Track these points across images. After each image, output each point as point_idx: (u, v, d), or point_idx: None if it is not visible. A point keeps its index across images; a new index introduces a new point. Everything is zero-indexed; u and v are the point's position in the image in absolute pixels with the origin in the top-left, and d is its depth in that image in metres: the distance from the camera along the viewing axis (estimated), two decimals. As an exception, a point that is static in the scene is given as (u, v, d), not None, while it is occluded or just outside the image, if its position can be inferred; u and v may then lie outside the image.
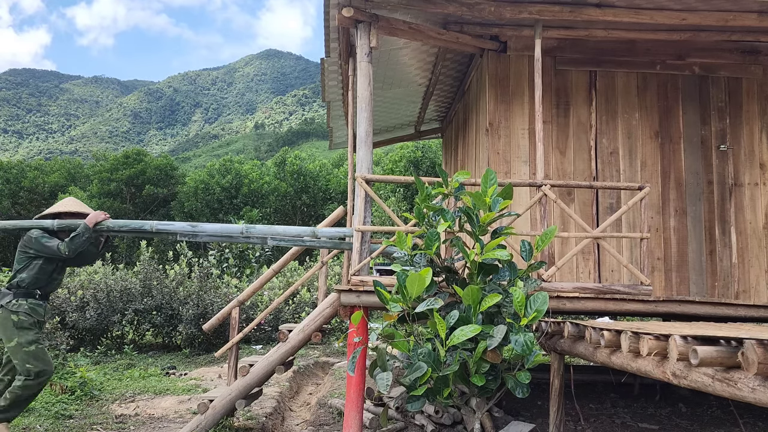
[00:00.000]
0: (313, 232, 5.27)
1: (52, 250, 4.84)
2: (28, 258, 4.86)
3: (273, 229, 5.30)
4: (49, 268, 4.91)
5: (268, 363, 5.27)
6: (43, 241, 4.85)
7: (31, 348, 4.67)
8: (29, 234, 4.90)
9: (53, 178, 33.14)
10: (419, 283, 3.57)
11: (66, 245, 4.83)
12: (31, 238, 4.87)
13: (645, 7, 5.25)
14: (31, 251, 4.86)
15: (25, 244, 4.89)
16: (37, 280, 4.84)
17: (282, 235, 5.26)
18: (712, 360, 2.36)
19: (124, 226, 5.22)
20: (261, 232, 5.27)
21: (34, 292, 4.83)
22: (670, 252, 5.94)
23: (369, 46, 5.27)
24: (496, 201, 3.91)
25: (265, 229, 5.29)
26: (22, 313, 4.72)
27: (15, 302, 4.74)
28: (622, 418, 5.62)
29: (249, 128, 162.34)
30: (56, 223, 4.99)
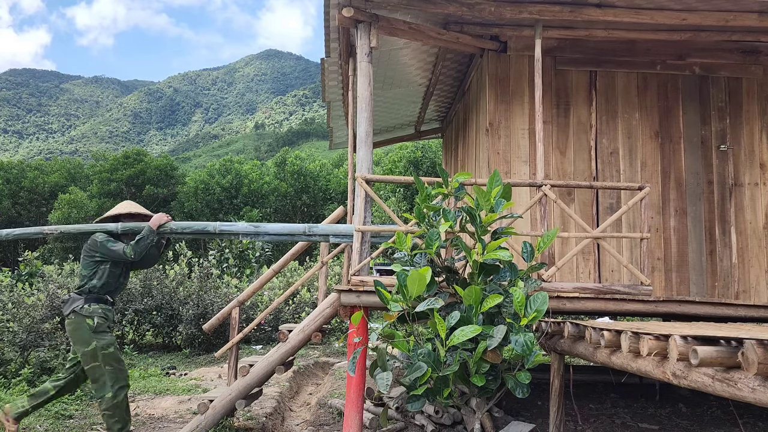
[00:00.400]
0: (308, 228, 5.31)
1: (118, 254, 4.82)
2: (95, 263, 4.83)
3: (335, 228, 5.33)
4: (117, 272, 4.91)
5: (268, 363, 5.27)
6: (108, 245, 4.83)
7: (110, 350, 4.68)
8: (94, 238, 4.89)
9: (53, 178, 33.15)
10: (419, 282, 3.57)
11: (132, 248, 4.80)
12: (96, 242, 4.85)
13: (645, 7, 5.25)
14: (97, 255, 4.84)
15: (90, 248, 4.87)
16: (107, 285, 4.83)
17: (344, 233, 5.27)
18: (712, 360, 2.36)
19: (187, 227, 5.21)
20: (323, 230, 5.30)
21: (105, 297, 4.82)
22: (670, 252, 5.94)
23: (369, 46, 5.27)
24: (500, 202, 3.91)
25: (327, 228, 5.33)
26: (97, 317, 4.70)
27: (88, 307, 4.72)
28: (622, 418, 5.62)
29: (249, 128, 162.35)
30: (120, 226, 4.97)
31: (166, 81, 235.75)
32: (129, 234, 4.96)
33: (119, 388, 4.68)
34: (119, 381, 4.69)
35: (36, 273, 13.59)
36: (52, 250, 27.44)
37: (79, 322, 4.66)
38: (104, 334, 4.69)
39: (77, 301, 4.73)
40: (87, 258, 4.85)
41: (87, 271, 4.82)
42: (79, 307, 4.70)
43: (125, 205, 5.24)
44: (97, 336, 4.66)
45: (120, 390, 4.68)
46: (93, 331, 4.66)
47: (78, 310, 4.69)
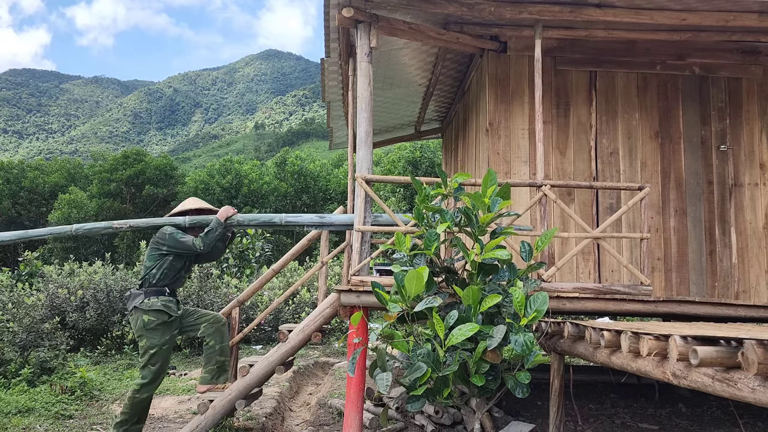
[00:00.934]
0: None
1: (187, 246, 4.94)
2: (160, 255, 4.97)
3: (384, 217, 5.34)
4: (178, 265, 5.02)
5: (268, 363, 5.27)
6: (177, 237, 4.95)
7: (155, 350, 4.80)
8: (163, 231, 5.01)
9: (53, 178, 33.12)
10: (417, 282, 3.57)
11: (201, 240, 4.93)
12: (165, 235, 4.97)
13: (645, 7, 5.25)
14: (164, 248, 4.96)
15: (158, 240, 4.99)
16: (165, 276, 4.94)
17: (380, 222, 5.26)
18: (712, 360, 2.36)
19: (254, 219, 5.31)
20: (386, 221, 5.31)
21: (164, 289, 4.93)
22: (670, 252, 5.94)
23: (369, 46, 5.27)
24: (495, 201, 3.91)
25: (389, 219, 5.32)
26: (151, 313, 4.82)
27: (147, 301, 4.85)
28: (622, 418, 5.62)
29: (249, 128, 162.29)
30: (188, 220, 5.10)
31: (166, 81, 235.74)
32: (196, 227, 5.10)
33: (149, 388, 4.83)
34: (152, 381, 4.83)
35: (36, 273, 13.59)
36: (52, 250, 27.44)
37: (137, 318, 4.85)
38: (154, 332, 4.82)
39: (138, 297, 4.89)
40: (153, 250, 5.00)
41: (150, 263, 4.98)
42: (140, 302, 4.86)
43: (191, 201, 5.39)
44: (148, 334, 4.81)
45: (145, 389, 4.81)
46: (145, 328, 4.82)
47: (138, 305, 4.85)
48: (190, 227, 5.09)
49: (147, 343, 4.79)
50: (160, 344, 4.81)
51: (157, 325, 4.82)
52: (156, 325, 4.81)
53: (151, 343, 4.78)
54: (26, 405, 6.19)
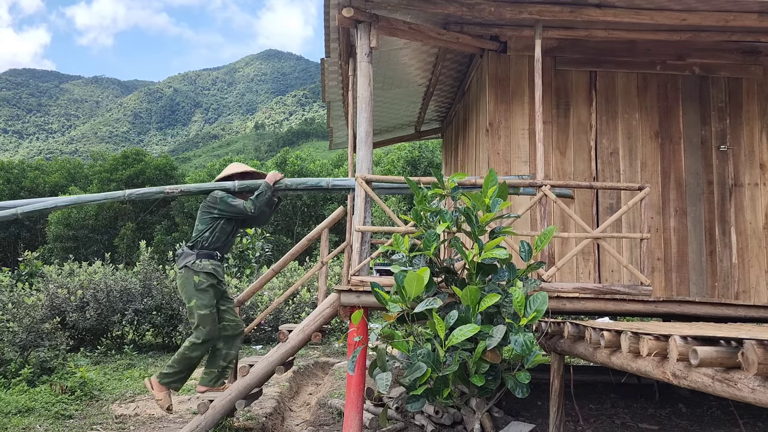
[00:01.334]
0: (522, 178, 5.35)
1: (238, 209, 5.04)
2: (212, 218, 5.06)
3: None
4: (228, 229, 5.12)
5: (268, 363, 5.26)
6: (228, 201, 5.06)
7: (205, 312, 4.88)
8: (213, 195, 5.11)
9: (54, 178, 33.15)
10: (417, 283, 3.57)
11: (252, 203, 5.05)
12: (216, 199, 5.07)
13: (645, 7, 5.25)
14: (215, 211, 5.06)
15: (209, 204, 5.10)
16: (217, 240, 5.04)
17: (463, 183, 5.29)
18: (712, 360, 2.36)
19: (301, 183, 5.41)
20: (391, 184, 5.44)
21: (215, 253, 5.03)
22: (670, 252, 5.94)
23: (369, 46, 5.27)
24: (496, 201, 3.91)
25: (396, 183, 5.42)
26: (202, 275, 4.91)
27: (198, 263, 4.94)
28: (622, 418, 5.62)
29: (249, 128, 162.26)
30: (237, 184, 5.20)
31: (166, 81, 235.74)
32: (245, 191, 5.21)
33: (199, 347, 4.92)
34: (205, 341, 4.93)
35: (36, 273, 13.59)
36: (52, 250, 27.46)
37: (188, 277, 4.91)
38: (204, 293, 4.91)
39: (189, 256, 4.96)
40: (204, 214, 5.10)
41: (202, 226, 5.07)
42: (191, 262, 4.93)
43: (236, 166, 5.48)
44: (198, 294, 4.89)
45: (197, 349, 4.92)
46: (195, 289, 4.89)
47: (189, 264, 4.93)
48: (239, 191, 5.20)
49: (196, 303, 4.88)
50: (209, 305, 4.92)
51: (207, 287, 4.92)
52: (206, 287, 4.91)
53: (200, 304, 4.88)
54: (26, 405, 6.19)
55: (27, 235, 31.16)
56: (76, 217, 28.20)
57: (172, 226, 30.28)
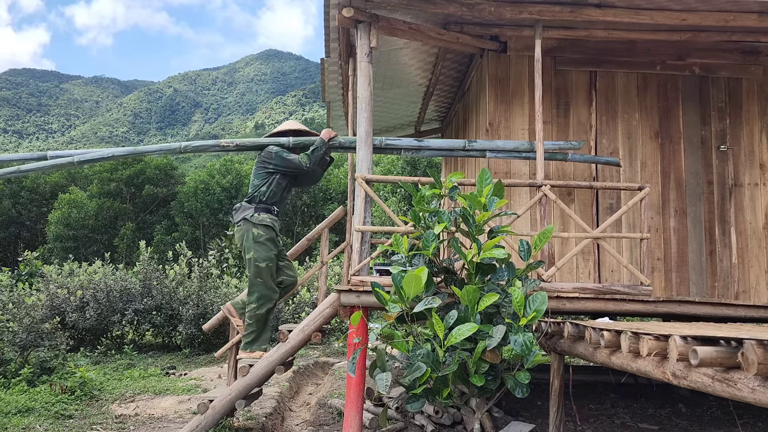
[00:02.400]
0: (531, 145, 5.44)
1: (294, 164, 5.16)
2: (267, 173, 5.17)
3: (492, 143, 5.52)
4: (284, 184, 5.24)
5: (268, 363, 5.26)
6: (283, 155, 5.17)
7: (263, 264, 4.98)
8: (269, 150, 5.21)
9: (54, 178, 33.11)
10: (416, 283, 3.57)
11: (307, 158, 5.15)
12: (271, 153, 5.18)
13: (645, 7, 5.25)
14: (270, 166, 5.17)
15: (264, 159, 5.20)
16: (274, 195, 5.16)
17: (501, 148, 5.49)
18: (712, 360, 2.36)
19: (354, 142, 5.45)
20: (481, 146, 5.50)
21: (272, 207, 5.15)
22: (670, 252, 5.94)
23: (369, 46, 5.27)
24: (492, 200, 3.90)
25: (485, 144, 5.52)
26: (261, 227, 5.02)
27: (257, 215, 5.05)
28: (622, 418, 5.62)
29: (249, 128, 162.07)
30: (292, 140, 5.32)
31: (166, 81, 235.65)
32: (299, 148, 5.32)
33: (264, 302, 5.01)
34: (265, 296, 5.01)
35: (36, 273, 13.58)
36: (52, 250, 27.44)
37: (247, 229, 5.01)
38: (263, 246, 5.00)
39: (248, 210, 5.07)
40: (260, 169, 5.21)
41: (258, 181, 5.19)
42: (250, 215, 5.04)
43: (290, 123, 5.62)
44: (256, 246, 4.98)
45: (263, 304, 5.02)
46: (254, 241, 4.99)
47: (248, 217, 5.03)
48: (293, 148, 5.30)
49: (254, 255, 4.95)
50: (267, 258, 4.99)
51: (266, 240, 4.99)
52: (264, 240, 4.99)
53: (258, 256, 4.95)
54: (26, 405, 6.19)
55: (27, 235, 31.15)
56: (75, 217, 28.18)
57: (172, 226, 30.27)
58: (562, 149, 5.59)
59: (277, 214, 5.18)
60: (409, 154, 5.61)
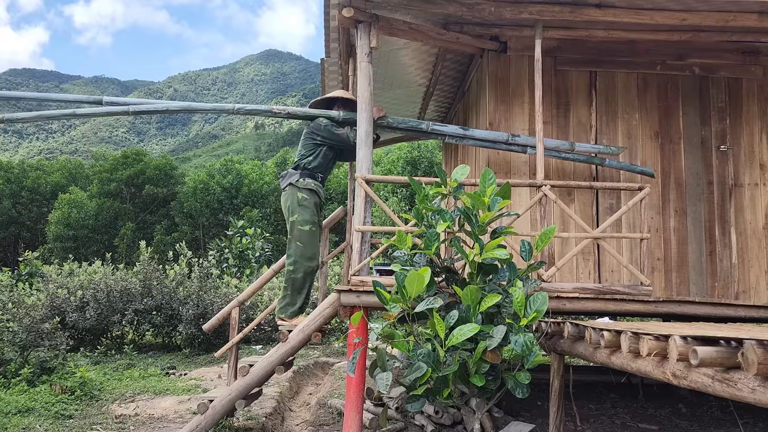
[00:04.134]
0: (572, 146, 5.54)
1: (341, 138, 5.33)
2: (315, 144, 5.35)
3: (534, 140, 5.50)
4: (330, 156, 5.42)
5: (268, 363, 5.26)
6: (332, 129, 5.33)
7: (306, 228, 5.11)
8: (318, 122, 5.37)
9: (54, 178, 33.14)
10: (418, 283, 3.57)
11: (355, 133, 5.25)
12: (320, 126, 5.34)
13: (645, 7, 5.25)
14: (318, 138, 5.34)
15: (313, 130, 5.37)
16: (319, 165, 5.33)
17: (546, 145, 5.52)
18: (712, 360, 2.35)
19: (402, 122, 5.60)
20: (523, 141, 5.54)
21: (317, 174, 5.33)
22: (670, 252, 5.94)
23: (369, 46, 5.27)
24: (495, 200, 3.90)
25: (528, 140, 5.55)
26: (305, 191, 5.20)
27: (302, 180, 5.25)
28: (622, 418, 5.62)
29: (249, 128, 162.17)
30: (342, 114, 5.44)
31: (166, 81, 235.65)
32: (347, 123, 5.43)
33: (300, 266, 5.11)
34: (302, 260, 5.12)
35: (36, 273, 13.59)
36: (52, 250, 27.45)
37: (292, 193, 5.19)
38: (306, 209, 5.16)
39: (294, 175, 5.28)
40: (308, 139, 5.37)
41: (305, 151, 5.37)
42: (295, 180, 5.24)
43: (340, 92, 5.78)
44: (300, 209, 5.14)
45: (299, 267, 5.12)
46: (298, 204, 5.17)
47: (294, 182, 5.23)
48: (342, 122, 5.41)
49: (297, 218, 5.07)
50: (309, 222, 5.12)
51: (310, 204, 5.15)
52: (308, 204, 5.15)
53: (301, 219, 5.07)
54: (26, 405, 6.19)
55: (27, 235, 31.15)
56: (76, 217, 28.19)
57: (172, 226, 30.28)
58: (601, 153, 5.66)
59: (321, 181, 5.37)
60: (453, 140, 5.66)
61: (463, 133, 5.62)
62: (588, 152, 5.63)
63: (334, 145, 5.38)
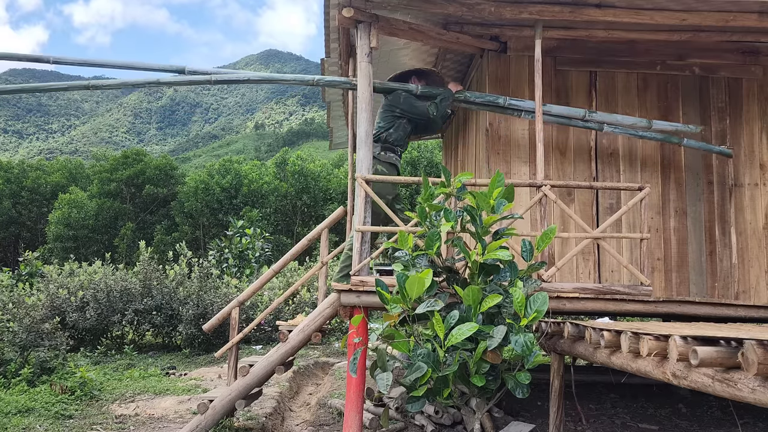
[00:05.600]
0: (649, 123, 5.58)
1: (421, 111, 5.38)
2: (394, 117, 5.39)
3: (611, 116, 5.61)
4: (408, 129, 5.47)
5: (268, 363, 5.27)
6: (412, 102, 5.38)
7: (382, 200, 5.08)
8: (398, 94, 5.43)
9: (55, 178, 33.14)
10: (419, 285, 3.57)
11: (435, 107, 5.34)
12: (399, 98, 5.40)
13: (645, 7, 5.25)
14: (398, 111, 5.39)
15: (392, 103, 5.41)
16: (398, 138, 5.38)
17: (619, 122, 5.59)
18: (712, 360, 2.36)
19: (479, 97, 5.63)
20: (600, 117, 5.59)
21: (397, 149, 5.38)
22: (670, 252, 5.94)
23: (369, 46, 5.27)
24: (500, 203, 3.91)
25: (604, 116, 5.60)
26: (385, 164, 5.27)
27: (383, 154, 5.31)
28: (622, 418, 5.62)
29: (249, 128, 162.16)
30: (420, 88, 5.48)
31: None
32: (424, 97, 5.50)
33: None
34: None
35: (36, 273, 13.60)
36: (52, 250, 27.45)
37: (372, 165, 5.17)
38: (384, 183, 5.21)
39: (375, 147, 5.27)
40: (387, 111, 5.42)
41: (384, 123, 5.41)
42: (376, 153, 5.26)
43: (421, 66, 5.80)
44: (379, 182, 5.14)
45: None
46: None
47: (375, 155, 5.23)
48: (421, 95, 5.45)
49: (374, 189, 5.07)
50: (386, 194, 5.20)
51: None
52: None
53: (378, 191, 5.06)
54: (26, 405, 6.19)
55: (27, 235, 31.15)
56: (76, 217, 28.19)
57: (172, 226, 30.27)
58: (678, 131, 5.71)
59: (399, 155, 5.42)
60: (529, 116, 5.63)
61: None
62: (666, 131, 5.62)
63: (413, 118, 5.40)
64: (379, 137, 5.36)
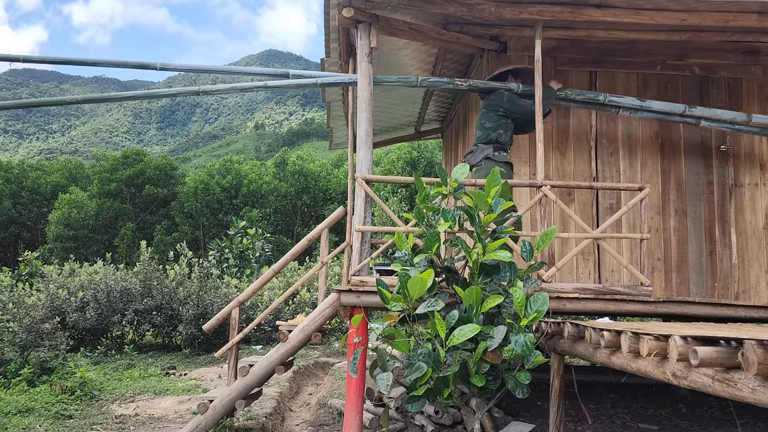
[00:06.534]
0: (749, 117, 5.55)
1: (525, 109, 5.31)
2: (498, 116, 5.32)
3: (711, 111, 5.59)
4: (512, 128, 5.41)
5: (268, 363, 5.27)
6: (515, 101, 5.32)
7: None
8: (500, 92, 5.38)
9: (55, 178, 33.13)
10: (420, 285, 3.57)
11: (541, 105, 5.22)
12: (503, 97, 5.33)
13: (645, 7, 5.25)
14: (501, 110, 5.31)
15: (495, 103, 5.34)
16: (506, 138, 5.32)
17: (718, 117, 5.57)
18: (712, 360, 2.35)
19: (579, 94, 5.59)
20: (699, 113, 5.56)
21: (507, 148, 5.35)
22: (670, 252, 5.94)
23: (369, 46, 5.27)
24: (498, 202, 3.90)
25: (703, 111, 5.57)
26: (503, 165, 5.19)
27: (498, 154, 5.23)
28: (622, 418, 5.62)
29: (249, 128, 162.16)
30: (521, 87, 5.45)
31: (166, 81, 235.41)
32: (526, 95, 5.47)
33: None
34: None
35: (36, 273, 13.60)
36: (52, 250, 27.45)
37: (490, 167, 5.12)
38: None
39: (487, 149, 5.24)
40: (490, 111, 5.34)
41: (490, 124, 5.34)
42: (491, 153, 5.20)
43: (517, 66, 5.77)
44: None
45: None
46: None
47: (490, 155, 5.19)
48: (522, 94, 5.43)
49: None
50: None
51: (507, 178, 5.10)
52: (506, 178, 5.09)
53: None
54: (26, 405, 6.19)
55: (27, 235, 31.15)
56: (76, 217, 28.18)
57: (172, 226, 30.26)
58: None
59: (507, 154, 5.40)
60: (628, 113, 5.62)
61: (640, 105, 5.57)
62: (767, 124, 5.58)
63: (516, 117, 5.36)
64: (490, 138, 5.28)
